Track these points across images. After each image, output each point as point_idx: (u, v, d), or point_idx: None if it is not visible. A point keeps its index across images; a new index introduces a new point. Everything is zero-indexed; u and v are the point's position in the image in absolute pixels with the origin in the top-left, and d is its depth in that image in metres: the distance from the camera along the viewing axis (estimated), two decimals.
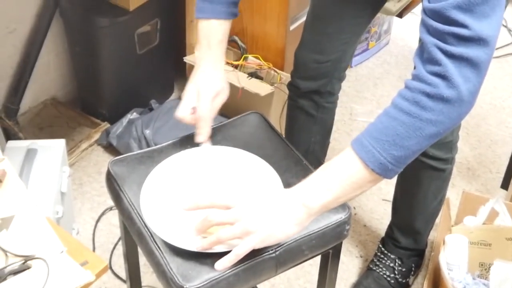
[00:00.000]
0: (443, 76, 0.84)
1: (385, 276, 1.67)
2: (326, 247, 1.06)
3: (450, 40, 0.84)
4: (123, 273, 1.67)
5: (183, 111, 1.14)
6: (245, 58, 2.05)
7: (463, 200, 1.74)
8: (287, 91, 1.66)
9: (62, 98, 2.19)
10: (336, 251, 1.11)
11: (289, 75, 1.64)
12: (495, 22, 0.86)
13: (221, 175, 1.07)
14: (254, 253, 0.96)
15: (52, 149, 1.55)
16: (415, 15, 2.42)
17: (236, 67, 2.04)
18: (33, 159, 1.49)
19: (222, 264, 0.92)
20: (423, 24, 0.89)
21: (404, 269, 1.68)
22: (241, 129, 1.21)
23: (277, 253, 0.98)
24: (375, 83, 2.46)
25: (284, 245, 0.99)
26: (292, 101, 1.63)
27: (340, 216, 1.04)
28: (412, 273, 1.71)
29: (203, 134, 1.13)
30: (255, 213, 0.92)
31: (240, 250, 0.91)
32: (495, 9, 0.85)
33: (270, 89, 1.95)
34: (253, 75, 2.02)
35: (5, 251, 0.87)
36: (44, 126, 2.10)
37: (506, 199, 1.86)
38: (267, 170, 1.08)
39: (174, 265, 0.95)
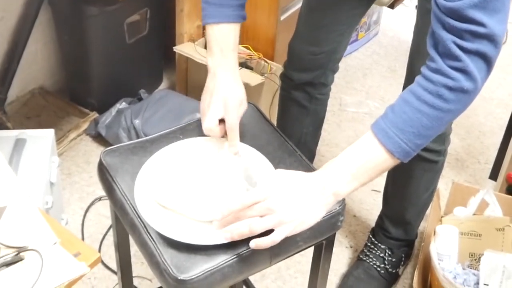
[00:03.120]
0: (463, 71, 0.90)
1: (375, 266, 1.68)
2: (320, 238, 1.05)
3: (467, 37, 0.89)
4: (113, 264, 1.65)
5: (211, 123, 1.09)
6: None
7: (453, 190, 1.74)
8: (277, 81, 1.65)
9: (50, 87, 2.16)
10: (329, 242, 1.10)
11: (279, 65, 1.63)
12: (505, 15, 0.92)
13: (215, 166, 1.06)
14: (248, 245, 0.96)
15: (41, 139, 1.53)
16: (405, 6, 2.42)
17: None
18: (22, 149, 1.47)
19: (256, 244, 0.91)
20: (438, 20, 0.93)
21: (394, 260, 1.69)
22: None
23: None
24: (365, 73, 2.45)
25: None
26: (285, 92, 1.62)
27: (334, 208, 1.04)
28: (402, 263, 1.72)
29: (234, 145, 1.09)
30: (288, 204, 0.92)
31: (276, 237, 0.91)
32: (504, 3, 0.90)
33: (261, 79, 1.94)
34: (243, 65, 2.00)
35: None
36: (31, 116, 2.07)
37: (495, 189, 1.87)
38: (261, 161, 1.07)
39: (168, 256, 0.93)
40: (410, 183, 1.55)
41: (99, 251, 1.72)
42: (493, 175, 1.98)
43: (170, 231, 0.95)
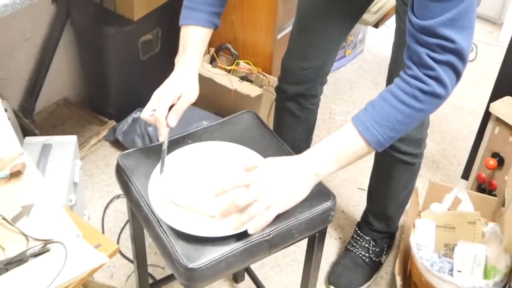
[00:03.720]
0: (436, 78, 0.93)
1: (360, 255, 1.67)
2: (313, 230, 1.05)
3: (438, 50, 0.92)
4: (129, 254, 1.65)
5: (145, 113, 1.07)
6: (237, 64, 2.04)
7: (430, 189, 1.74)
8: (274, 93, 1.65)
9: (73, 99, 2.16)
10: (321, 234, 1.10)
11: (276, 78, 1.62)
12: (472, 31, 0.94)
13: (220, 167, 1.06)
14: (250, 237, 0.95)
15: (65, 144, 1.52)
16: (387, 26, 2.42)
17: (229, 71, 2.02)
18: (48, 154, 1.47)
19: (254, 228, 0.93)
20: (412, 35, 0.95)
21: (377, 249, 1.68)
22: (237, 126, 1.19)
23: (270, 236, 0.97)
24: (351, 86, 2.45)
25: (277, 229, 0.98)
26: (279, 103, 1.61)
27: (326, 204, 1.04)
28: (385, 252, 1.71)
29: (162, 134, 1.07)
30: (276, 185, 0.94)
31: (269, 216, 0.94)
32: (471, 20, 0.93)
33: (259, 91, 1.94)
34: (244, 78, 2.00)
35: (26, 236, 0.85)
36: (57, 124, 2.07)
37: (467, 188, 1.86)
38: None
39: (179, 247, 0.93)
40: (390, 183, 1.55)
41: (118, 243, 1.72)
42: (465, 175, 1.97)
43: (180, 225, 0.94)
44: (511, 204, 1.32)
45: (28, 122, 1.77)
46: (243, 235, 0.95)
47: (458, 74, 0.94)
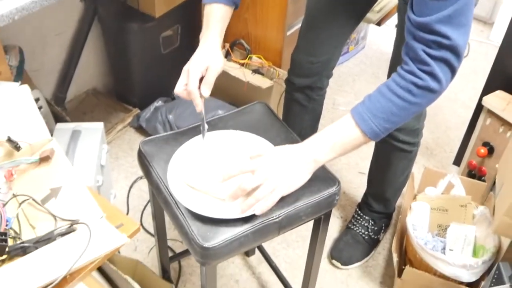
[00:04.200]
0: (430, 74, 0.87)
1: (360, 233, 1.64)
2: (319, 213, 1.01)
3: (434, 46, 0.86)
4: (151, 229, 1.62)
5: (178, 88, 1.03)
6: (250, 58, 1.99)
7: (425, 174, 1.69)
8: (283, 85, 1.60)
9: (101, 88, 2.12)
10: (327, 216, 1.06)
11: (285, 72, 1.58)
12: (468, 29, 0.88)
13: (233, 154, 1.02)
14: (261, 219, 0.91)
15: (93, 130, 1.49)
16: (387, 25, 2.35)
17: (242, 65, 1.97)
18: (77, 139, 1.43)
19: (260, 209, 0.90)
20: (409, 31, 0.89)
21: (376, 228, 1.65)
22: (250, 116, 1.15)
23: (279, 218, 0.94)
24: (354, 79, 2.39)
25: (285, 212, 0.94)
26: (288, 94, 1.57)
27: (331, 189, 1.00)
28: (382, 231, 1.68)
29: (197, 104, 1.02)
30: (278, 171, 0.91)
31: (274, 199, 0.91)
32: (468, 18, 0.86)
33: (270, 83, 1.89)
34: (256, 71, 1.96)
35: (54, 216, 0.82)
36: (87, 111, 2.04)
37: (458, 173, 1.82)
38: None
39: (195, 227, 0.90)
40: (389, 169, 1.50)
41: (141, 219, 1.69)
42: (457, 162, 1.93)
43: (196, 207, 0.91)
44: (502, 190, 1.27)
45: (60, 110, 1.74)
46: (255, 217, 0.91)
47: (453, 70, 0.89)
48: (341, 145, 0.93)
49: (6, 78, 1.15)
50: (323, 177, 1.00)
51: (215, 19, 1.06)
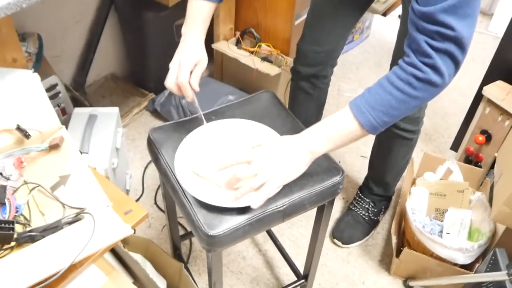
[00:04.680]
0: (432, 66, 0.77)
1: (361, 214, 1.57)
2: (323, 201, 0.94)
3: (437, 37, 0.75)
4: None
5: (169, 81, 0.96)
6: (259, 46, 1.89)
7: (424, 159, 1.61)
8: (291, 73, 1.51)
9: (119, 74, 2.05)
10: (330, 203, 0.99)
11: (293, 60, 1.48)
12: (474, 21, 0.76)
13: (239, 142, 0.94)
14: (266, 208, 0.84)
15: (109, 114, 1.41)
16: (391, 16, 2.23)
17: (252, 52, 1.88)
18: (94, 123, 1.36)
19: (256, 203, 0.81)
20: (413, 22, 0.78)
21: (376, 210, 1.57)
22: (257, 105, 1.06)
23: (284, 207, 0.86)
24: (358, 67, 2.28)
25: (290, 201, 0.87)
26: (294, 82, 1.48)
27: (335, 178, 0.92)
28: (382, 212, 1.60)
29: (188, 96, 0.96)
30: (274, 161, 0.83)
31: (269, 190, 0.82)
32: (474, 9, 0.75)
33: (278, 71, 1.80)
34: (265, 59, 1.86)
35: (63, 204, 0.75)
36: (105, 95, 1.96)
37: (455, 158, 1.73)
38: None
39: (201, 215, 0.83)
40: (390, 155, 1.42)
41: (155, 197, 1.63)
42: (454, 147, 1.83)
43: (202, 195, 0.84)
44: (501, 180, 1.19)
45: (79, 94, 1.67)
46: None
47: (456, 64, 0.78)
48: (338, 137, 0.83)
49: (22, 65, 1.08)
50: (327, 166, 0.92)
51: (201, 18, 0.98)
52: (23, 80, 0.88)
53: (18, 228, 0.73)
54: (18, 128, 0.79)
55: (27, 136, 0.80)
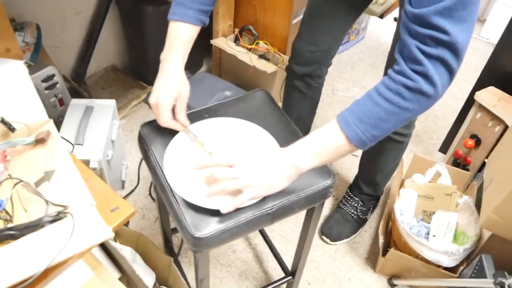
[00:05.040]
0: (423, 75, 0.67)
1: (350, 213, 1.51)
2: (312, 204, 0.88)
3: (430, 43, 0.66)
4: None
5: (162, 123, 0.85)
6: (257, 43, 1.82)
7: (413, 161, 1.55)
8: (286, 72, 1.44)
9: (119, 66, 1.97)
10: (320, 205, 0.93)
11: (288, 58, 1.42)
12: (471, 26, 0.66)
13: (230, 142, 0.88)
14: (254, 210, 0.78)
15: (105, 107, 1.35)
16: (387, 19, 2.15)
17: (250, 49, 1.81)
18: (90, 114, 1.30)
19: (226, 209, 0.75)
20: (405, 26, 0.69)
21: (364, 209, 1.52)
22: (250, 103, 1.00)
23: (272, 210, 0.80)
24: (352, 67, 2.22)
25: (279, 203, 0.81)
26: (288, 81, 1.41)
27: (326, 182, 0.86)
28: (370, 211, 1.55)
29: (180, 130, 0.87)
30: (255, 170, 0.76)
31: (242, 199, 0.76)
32: (471, 14, 0.65)
33: (275, 68, 1.73)
34: (262, 56, 1.79)
35: (46, 201, 0.69)
36: (105, 87, 1.89)
37: (444, 161, 1.67)
38: (268, 140, 0.89)
39: (188, 216, 0.77)
40: (380, 157, 1.36)
41: (150, 188, 1.57)
42: (442, 149, 1.78)
43: (190, 196, 0.78)
44: (490, 186, 1.13)
45: (77, 85, 1.59)
46: (247, 208, 0.78)
47: (451, 72, 0.68)
48: (325, 152, 0.75)
49: (16, 55, 1.01)
50: (319, 169, 0.86)
51: (180, 41, 0.86)
52: (11, 71, 0.81)
53: (0, 224, 0.67)
54: (2, 121, 0.72)
55: (11, 129, 0.73)
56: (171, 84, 0.85)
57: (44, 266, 0.55)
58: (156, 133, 0.90)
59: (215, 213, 0.77)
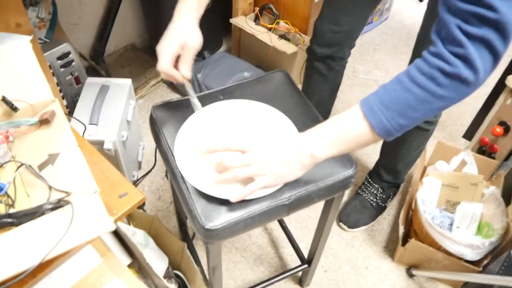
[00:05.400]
0: (464, 58, 0.56)
1: (369, 200, 1.42)
2: (332, 195, 0.79)
3: (473, 21, 0.54)
4: None
5: (157, 66, 0.76)
6: (277, 23, 1.71)
7: (437, 147, 1.44)
8: (306, 53, 1.34)
9: (139, 44, 1.89)
10: (339, 196, 0.84)
11: (309, 39, 1.31)
12: None
13: (244, 126, 0.79)
14: (270, 201, 0.70)
15: (121, 86, 1.27)
16: (411, 0, 2.00)
17: (270, 29, 1.70)
18: (105, 94, 1.23)
19: (236, 197, 0.68)
20: (444, 2, 0.58)
21: (384, 196, 1.43)
22: (268, 85, 0.91)
23: (289, 201, 0.72)
24: (375, 48, 2.08)
25: (296, 194, 0.73)
26: (309, 63, 1.30)
27: (348, 172, 0.77)
28: (390, 199, 1.45)
29: (178, 81, 0.77)
30: (268, 157, 0.67)
31: (254, 187, 0.68)
32: None
33: (295, 49, 1.62)
34: (283, 36, 1.68)
35: (49, 186, 0.62)
36: (124, 65, 1.82)
37: (469, 148, 1.55)
38: (286, 124, 0.80)
39: (199, 205, 0.69)
40: (403, 144, 1.25)
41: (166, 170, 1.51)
42: (467, 136, 1.66)
43: (201, 184, 0.70)
44: None
45: (94, 63, 1.52)
46: (263, 198, 0.70)
47: (495, 56, 0.56)
48: (344, 140, 0.65)
49: (27, 31, 0.93)
50: (340, 158, 0.77)
51: None
52: (15, 47, 0.74)
53: (1, 209, 0.61)
54: (3, 100, 0.65)
55: (14, 108, 0.67)
56: (177, 31, 0.76)
57: (36, 261, 0.49)
58: (169, 115, 0.82)
59: (227, 202, 0.69)
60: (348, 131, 0.64)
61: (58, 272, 0.75)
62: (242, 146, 0.69)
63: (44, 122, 0.68)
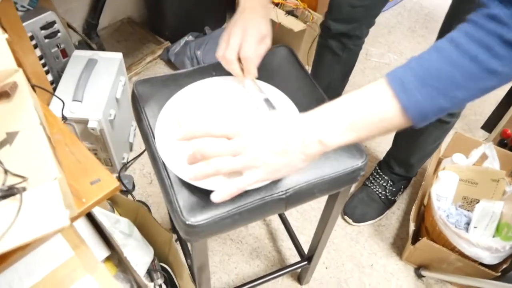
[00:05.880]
0: None
1: (377, 192, 1.32)
2: (337, 189, 0.70)
3: None
4: None
5: (226, 53, 0.67)
6: None
7: (454, 138, 1.34)
8: (317, 30, 1.23)
9: (136, 19, 1.79)
10: (345, 190, 0.75)
11: (320, 16, 1.20)
12: None
13: (236, 107, 0.69)
14: (263, 194, 0.61)
15: (111, 60, 1.18)
16: None
17: (277, 5, 1.58)
18: (92, 68, 1.13)
19: (220, 196, 0.52)
20: None
21: (394, 189, 1.33)
22: (270, 61, 0.80)
23: (287, 194, 0.63)
24: (389, 30, 1.95)
25: (295, 187, 0.63)
26: (322, 40, 1.18)
27: (357, 163, 0.67)
28: (400, 193, 1.35)
29: (251, 74, 0.69)
30: (261, 145, 0.51)
31: (242, 184, 0.52)
32: None
33: (303, 27, 1.51)
34: (290, 13, 1.57)
35: (5, 170, 0.53)
36: (120, 40, 1.72)
37: (488, 139, 1.45)
38: (287, 106, 0.70)
39: (181, 197, 0.60)
40: (419, 136, 1.15)
41: None
42: (486, 127, 1.55)
43: (185, 173, 0.60)
44: None
45: (85, 36, 1.42)
46: (255, 191, 0.61)
47: None
48: (365, 124, 0.50)
49: None
50: (348, 147, 0.67)
51: None
52: None
53: None
54: None
55: None
56: (259, 25, 0.68)
57: None
58: (152, 93, 0.73)
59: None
60: (371, 114, 0.50)
61: (22, 265, 0.67)
62: (227, 130, 0.53)
63: (3, 95, 0.59)
